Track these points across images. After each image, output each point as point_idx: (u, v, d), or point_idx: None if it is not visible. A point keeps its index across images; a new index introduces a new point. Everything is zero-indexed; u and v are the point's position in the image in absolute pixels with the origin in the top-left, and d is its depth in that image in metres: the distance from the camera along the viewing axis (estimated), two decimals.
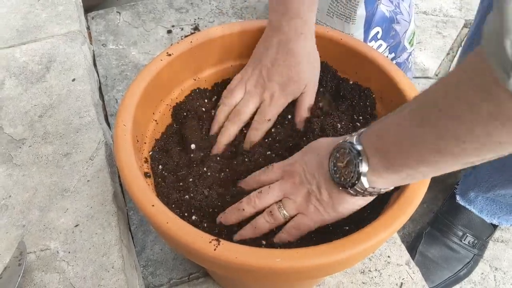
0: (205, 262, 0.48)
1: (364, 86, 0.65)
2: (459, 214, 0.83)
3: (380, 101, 0.64)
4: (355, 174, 0.43)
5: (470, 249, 0.82)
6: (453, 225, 0.83)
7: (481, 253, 0.83)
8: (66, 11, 0.88)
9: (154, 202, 0.47)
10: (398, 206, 0.48)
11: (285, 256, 0.44)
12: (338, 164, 0.46)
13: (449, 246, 0.82)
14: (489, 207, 0.80)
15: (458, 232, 0.82)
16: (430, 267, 0.80)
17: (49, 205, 0.60)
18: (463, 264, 0.81)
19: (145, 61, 0.97)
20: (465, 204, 0.83)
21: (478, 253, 0.83)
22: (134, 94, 0.57)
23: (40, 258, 0.56)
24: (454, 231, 0.83)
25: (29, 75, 0.77)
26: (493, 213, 0.81)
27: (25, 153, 0.66)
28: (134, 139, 0.54)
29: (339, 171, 0.46)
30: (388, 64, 0.61)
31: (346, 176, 0.44)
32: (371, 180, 0.43)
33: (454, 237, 0.82)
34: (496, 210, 0.80)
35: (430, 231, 0.84)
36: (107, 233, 0.57)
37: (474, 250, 0.82)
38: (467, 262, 0.81)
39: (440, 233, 0.83)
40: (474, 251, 0.82)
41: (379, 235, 0.46)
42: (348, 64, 0.65)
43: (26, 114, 0.71)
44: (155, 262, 0.68)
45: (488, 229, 0.83)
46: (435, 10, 1.30)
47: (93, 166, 0.64)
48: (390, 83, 0.60)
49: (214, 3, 1.11)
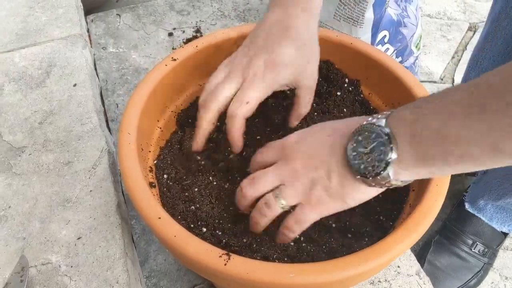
0: (215, 277, 0.46)
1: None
2: (469, 222, 0.81)
3: (392, 107, 0.62)
4: (382, 163, 0.38)
5: (480, 257, 0.80)
6: (462, 233, 0.81)
7: (491, 262, 0.82)
8: (67, 14, 0.86)
9: (161, 214, 0.46)
10: (412, 220, 0.46)
11: (299, 271, 0.42)
12: (359, 149, 0.40)
13: (458, 254, 0.80)
14: (499, 215, 0.79)
15: (468, 241, 0.81)
16: (439, 276, 0.79)
17: (50, 216, 0.58)
18: (473, 274, 0.80)
19: (146, 65, 0.95)
20: (474, 212, 0.82)
21: (488, 262, 0.81)
22: (138, 101, 0.55)
23: (41, 272, 0.54)
24: (464, 239, 0.81)
25: (29, 80, 0.75)
26: (503, 221, 0.79)
27: (25, 161, 0.64)
28: (138, 148, 0.52)
29: (360, 158, 0.39)
30: (402, 71, 0.60)
31: (368, 165, 0.39)
32: (396, 172, 0.38)
33: (463, 246, 0.81)
34: (506, 218, 0.79)
35: (438, 239, 0.82)
36: (111, 246, 0.55)
37: (484, 258, 0.80)
38: (477, 272, 0.80)
39: (449, 241, 0.81)
40: (484, 259, 0.80)
41: (393, 251, 0.44)
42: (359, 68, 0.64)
43: (26, 121, 0.69)
44: (158, 273, 0.67)
45: (499, 237, 0.82)
46: (439, 13, 1.29)
47: (96, 175, 0.62)
48: (404, 90, 0.58)
49: (216, 5, 1.09)
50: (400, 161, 0.37)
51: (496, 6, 0.70)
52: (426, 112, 0.35)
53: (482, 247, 0.80)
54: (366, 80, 0.64)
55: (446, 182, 0.49)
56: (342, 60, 0.64)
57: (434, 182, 0.49)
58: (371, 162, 0.38)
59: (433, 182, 0.49)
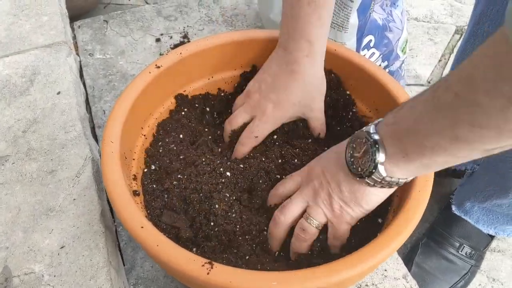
0: (198, 286, 0.46)
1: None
2: (456, 224, 0.82)
3: (376, 113, 0.62)
4: (372, 162, 0.43)
5: (468, 260, 0.81)
6: (449, 236, 0.82)
7: (478, 264, 0.82)
8: (51, 21, 0.86)
9: (143, 223, 0.45)
10: (395, 226, 0.47)
11: (281, 279, 0.42)
12: (354, 154, 0.45)
13: (446, 257, 0.81)
14: (486, 218, 0.79)
15: (455, 243, 0.81)
16: (427, 279, 0.79)
17: (34, 226, 0.58)
18: (460, 276, 0.80)
19: (133, 71, 0.95)
20: (461, 214, 0.82)
21: (476, 264, 0.81)
22: (121, 109, 0.55)
23: (24, 282, 0.53)
24: (451, 242, 0.81)
25: (12, 89, 0.74)
26: (490, 223, 0.80)
27: (8, 170, 0.64)
28: (122, 156, 0.52)
29: (356, 161, 0.45)
30: (384, 77, 0.60)
31: (363, 166, 0.44)
32: (388, 170, 0.43)
33: (451, 248, 0.81)
34: (492, 220, 0.79)
35: (426, 242, 0.82)
36: (95, 254, 0.55)
37: (471, 261, 0.81)
38: (464, 274, 0.80)
39: (436, 244, 0.82)
40: (472, 262, 0.81)
41: (377, 256, 0.44)
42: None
43: (9, 130, 0.69)
44: (145, 280, 0.66)
45: (485, 239, 0.82)
46: (426, 17, 1.29)
47: (80, 183, 0.62)
48: (387, 96, 0.59)
49: (203, 11, 1.09)
50: (390, 159, 0.42)
51: (478, 8, 0.70)
52: (402, 114, 0.41)
53: (469, 249, 0.81)
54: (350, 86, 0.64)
55: (428, 188, 0.49)
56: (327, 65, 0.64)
57: (417, 187, 0.49)
58: (364, 164, 0.44)
59: (415, 187, 0.49)
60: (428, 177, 0.50)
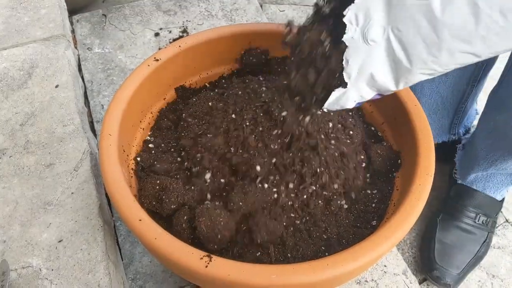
0: (197, 280, 0.45)
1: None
2: (467, 196, 0.84)
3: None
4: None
5: (484, 228, 0.83)
6: (464, 208, 0.84)
7: (492, 230, 0.85)
8: (49, 14, 0.85)
9: (141, 217, 0.45)
10: (395, 220, 0.46)
11: (280, 272, 0.42)
12: None
13: (465, 229, 0.83)
14: (491, 184, 0.82)
15: (471, 214, 0.83)
16: (451, 253, 0.80)
17: (31, 220, 0.57)
18: (480, 244, 0.82)
19: (132, 65, 0.94)
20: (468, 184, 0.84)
21: (491, 230, 0.84)
22: (120, 102, 0.55)
23: (21, 276, 0.53)
24: (467, 214, 0.83)
25: (10, 82, 0.74)
26: (496, 188, 0.82)
27: (6, 164, 0.63)
28: (120, 149, 0.52)
29: None
30: None
31: None
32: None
33: (468, 219, 0.83)
34: (498, 185, 0.81)
35: (443, 218, 0.84)
36: (93, 248, 0.55)
37: (488, 228, 0.84)
38: (484, 241, 0.82)
39: (453, 218, 0.84)
40: (488, 229, 0.84)
41: (377, 250, 0.44)
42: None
43: (7, 123, 0.68)
44: (144, 275, 0.66)
45: (497, 205, 0.84)
46: None
47: (78, 177, 0.61)
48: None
49: (203, 5, 1.08)
50: None
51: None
52: None
53: (484, 217, 0.83)
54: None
55: (429, 182, 0.49)
56: None
57: (417, 181, 0.49)
58: None
59: (416, 181, 0.49)
60: (428, 171, 0.49)
